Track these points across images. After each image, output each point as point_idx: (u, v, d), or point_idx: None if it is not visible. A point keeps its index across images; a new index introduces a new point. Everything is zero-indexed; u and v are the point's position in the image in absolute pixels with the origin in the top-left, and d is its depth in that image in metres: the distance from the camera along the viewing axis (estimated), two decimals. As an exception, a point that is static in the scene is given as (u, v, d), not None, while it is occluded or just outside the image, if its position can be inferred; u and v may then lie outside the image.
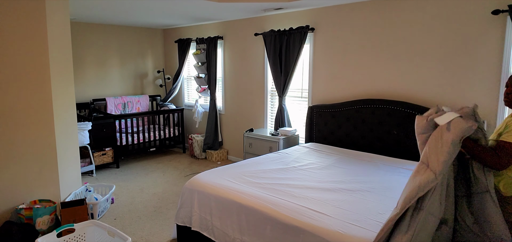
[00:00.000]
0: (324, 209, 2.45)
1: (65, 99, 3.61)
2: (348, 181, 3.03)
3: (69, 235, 2.92)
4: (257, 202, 2.62)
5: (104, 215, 3.89)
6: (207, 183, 3.02)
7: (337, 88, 4.54)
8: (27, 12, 3.21)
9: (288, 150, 4.11)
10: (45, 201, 3.43)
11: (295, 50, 4.71)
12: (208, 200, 2.92)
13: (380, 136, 4.05)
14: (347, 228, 2.18)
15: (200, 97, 6.44)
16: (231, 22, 5.74)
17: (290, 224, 2.35)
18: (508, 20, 3.23)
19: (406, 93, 3.95)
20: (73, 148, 3.77)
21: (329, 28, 4.53)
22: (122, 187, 4.75)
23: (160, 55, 7.16)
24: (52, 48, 3.41)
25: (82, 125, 4.91)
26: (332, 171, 3.34)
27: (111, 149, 5.57)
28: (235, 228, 2.68)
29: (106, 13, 5.03)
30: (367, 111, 4.13)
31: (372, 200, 2.61)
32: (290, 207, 2.48)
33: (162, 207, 4.07)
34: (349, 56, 4.38)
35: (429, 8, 3.70)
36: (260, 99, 5.50)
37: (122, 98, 6.33)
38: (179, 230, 3.17)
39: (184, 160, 6.11)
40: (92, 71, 6.19)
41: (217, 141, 6.08)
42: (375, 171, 3.33)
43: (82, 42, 6.01)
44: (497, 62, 3.34)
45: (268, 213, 2.49)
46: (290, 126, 5.08)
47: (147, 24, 6.36)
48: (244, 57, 5.62)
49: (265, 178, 3.11)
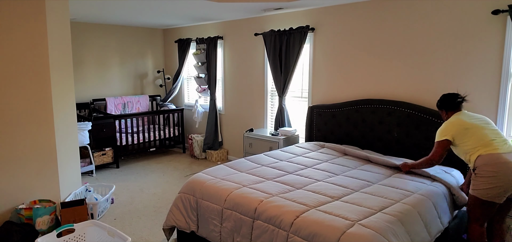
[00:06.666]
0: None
1: (65, 99, 3.61)
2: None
3: (69, 235, 2.92)
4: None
5: (104, 215, 3.89)
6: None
7: (337, 88, 4.54)
8: (27, 12, 3.21)
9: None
10: (45, 201, 3.42)
11: (295, 50, 4.71)
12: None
13: (380, 135, 4.05)
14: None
15: (200, 97, 6.44)
16: (231, 22, 5.74)
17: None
18: (508, 20, 3.23)
19: (406, 93, 3.95)
20: (73, 148, 3.77)
21: (329, 28, 4.53)
22: (122, 187, 4.75)
23: (160, 55, 7.16)
24: (52, 48, 3.41)
25: (82, 125, 4.91)
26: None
27: (111, 149, 5.57)
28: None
29: (106, 13, 5.03)
30: (367, 111, 4.13)
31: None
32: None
33: (162, 207, 4.06)
34: (349, 56, 4.38)
35: (429, 8, 3.70)
36: (260, 99, 5.50)
37: (122, 98, 6.33)
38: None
39: (184, 160, 6.11)
40: (92, 71, 6.19)
41: (217, 141, 6.08)
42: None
43: (82, 42, 6.01)
44: (497, 62, 3.34)
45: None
46: (290, 126, 5.07)
47: (147, 24, 6.36)
48: (244, 57, 5.62)
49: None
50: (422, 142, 3.73)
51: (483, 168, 2.51)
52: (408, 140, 3.83)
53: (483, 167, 2.52)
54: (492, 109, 3.41)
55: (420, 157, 3.75)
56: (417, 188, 2.84)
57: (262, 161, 3.63)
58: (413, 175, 3.16)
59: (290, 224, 2.34)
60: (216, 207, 2.82)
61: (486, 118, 2.76)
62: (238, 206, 2.68)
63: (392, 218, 2.30)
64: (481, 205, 2.56)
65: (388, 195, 2.68)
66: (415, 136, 3.78)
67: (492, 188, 2.47)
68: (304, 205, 2.52)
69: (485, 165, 2.51)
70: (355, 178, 3.12)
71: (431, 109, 3.68)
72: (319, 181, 3.03)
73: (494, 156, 2.50)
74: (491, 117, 3.41)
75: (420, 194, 2.71)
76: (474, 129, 2.64)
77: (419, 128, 3.74)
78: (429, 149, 3.66)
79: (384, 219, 2.27)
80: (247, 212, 2.61)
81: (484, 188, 2.51)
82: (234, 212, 2.69)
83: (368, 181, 3.05)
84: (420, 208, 2.52)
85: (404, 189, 2.83)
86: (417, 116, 3.75)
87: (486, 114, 3.43)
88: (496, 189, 2.47)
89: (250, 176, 3.14)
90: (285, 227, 2.36)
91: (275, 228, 2.41)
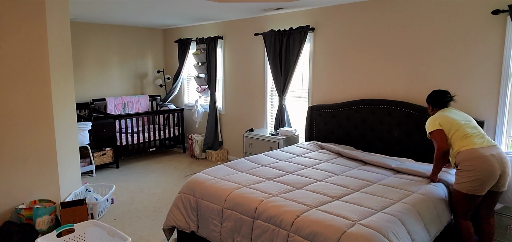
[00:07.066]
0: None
1: (65, 99, 3.61)
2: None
3: (69, 235, 2.92)
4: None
5: (104, 215, 3.89)
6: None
7: (337, 88, 4.54)
8: (27, 12, 3.21)
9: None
10: (45, 201, 3.42)
11: (295, 50, 4.71)
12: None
13: (380, 135, 4.05)
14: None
15: (200, 97, 6.43)
16: (231, 22, 5.74)
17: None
18: (508, 20, 3.23)
19: (406, 93, 3.95)
20: (73, 148, 3.77)
21: (329, 28, 4.53)
22: (122, 187, 4.75)
23: (160, 55, 7.16)
24: (52, 48, 3.41)
25: (82, 125, 4.91)
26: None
27: (111, 149, 5.57)
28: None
29: (106, 13, 5.03)
30: (367, 111, 4.13)
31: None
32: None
33: (162, 207, 4.06)
34: (349, 56, 4.38)
35: (429, 8, 3.70)
36: (260, 99, 5.50)
37: (122, 98, 6.33)
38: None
39: (184, 160, 6.11)
40: (92, 71, 6.19)
41: (217, 141, 6.08)
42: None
43: (82, 42, 6.01)
44: (497, 62, 3.34)
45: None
46: (290, 126, 5.07)
47: (147, 24, 6.36)
48: (244, 57, 5.62)
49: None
50: (422, 141, 3.73)
51: (463, 163, 2.65)
52: (408, 139, 3.83)
53: (463, 162, 2.65)
54: (492, 109, 3.41)
55: (420, 157, 3.76)
56: (417, 188, 2.84)
57: (262, 161, 3.63)
58: (413, 175, 3.16)
59: (291, 224, 2.34)
60: (216, 207, 2.82)
61: (468, 116, 2.88)
62: (238, 206, 2.67)
63: (392, 217, 2.30)
64: (464, 199, 2.68)
65: (388, 195, 2.69)
66: (415, 135, 3.78)
67: (472, 181, 2.60)
68: (305, 204, 2.52)
69: (464, 160, 2.64)
70: (355, 177, 3.12)
71: (431, 109, 3.69)
72: (319, 181, 3.03)
73: (472, 151, 2.63)
74: (491, 117, 3.42)
75: (420, 194, 2.71)
76: (455, 125, 2.77)
77: (419, 128, 3.74)
78: (429, 148, 3.67)
79: (385, 219, 2.27)
80: (247, 211, 2.61)
81: (465, 181, 2.63)
82: (234, 212, 2.69)
83: (368, 180, 3.05)
84: (420, 208, 2.52)
85: (404, 188, 2.83)
86: (417, 116, 3.75)
87: (486, 114, 3.44)
88: (476, 181, 2.59)
89: (250, 176, 3.15)
90: (285, 226, 2.36)
91: (276, 227, 2.41)
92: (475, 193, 2.62)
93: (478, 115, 3.50)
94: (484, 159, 2.57)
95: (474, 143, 2.66)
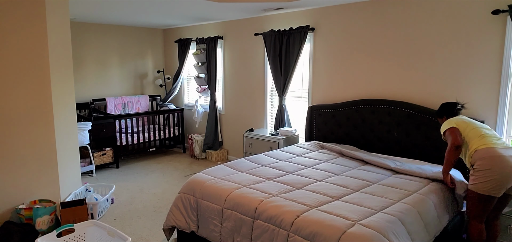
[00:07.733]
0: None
1: (65, 99, 3.61)
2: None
3: (69, 235, 2.92)
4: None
5: (104, 215, 3.89)
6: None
7: (337, 88, 4.54)
8: (27, 12, 3.21)
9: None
10: (45, 201, 3.42)
11: (295, 50, 4.71)
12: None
13: (380, 135, 4.05)
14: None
15: (200, 97, 6.43)
16: (231, 22, 5.74)
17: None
18: (508, 20, 3.23)
19: (406, 93, 3.95)
20: (73, 148, 3.77)
21: (329, 28, 4.53)
22: (122, 187, 4.75)
23: (160, 55, 7.16)
24: (52, 48, 3.41)
25: (82, 125, 4.91)
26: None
27: (111, 149, 5.57)
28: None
29: (106, 13, 5.03)
30: (367, 111, 4.13)
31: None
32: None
33: (162, 207, 4.06)
34: (349, 56, 4.38)
35: (429, 8, 3.70)
36: (260, 99, 5.50)
37: (122, 98, 6.33)
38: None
39: (184, 160, 6.11)
40: (92, 71, 6.19)
41: (217, 141, 6.08)
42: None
43: (82, 42, 6.01)
44: (497, 62, 3.34)
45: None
46: (290, 126, 5.07)
47: (147, 24, 6.36)
48: (244, 57, 5.62)
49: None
50: (422, 142, 3.73)
51: (479, 162, 2.59)
52: (408, 139, 3.83)
53: (479, 161, 2.59)
54: (492, 109, 3.41)
55: (420, 157, 3.76)
56: (417, 188, 2.84)
57: (262, 161, 3.63)
58: (412, 175, 3.16)
59: (291, 224, 2.34)
60: (216, 207, 2.82)
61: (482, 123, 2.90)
62: (238, 206, 2.67)
63: (392, 217, 2.30)
64: (480, 200, 2.60)
65: (388, 195, 2.69)
66: (415, 135, 3.78)
67: (489, 181, 2.53)
68: (305, 204, 2.52)
69: (481, 158, 2.58)
70: (355, 177, 3.12)
71: (431, 109, 3.68)
72: (319, 181, 3.03)
73: (490, 150, 2.57)
74: (491, 117, 3.42)
75: (420, 194, 2.71)
76: (471, 125, 2.76)
77: (419, 128, 3.74)
78: (429, 148, 3.67)
79: (385, 219, 2.27)
80: (247, 211, 2.61)
81: (481, 181, 2.56)
82: (234, 212, 2.69)
83: (368, 180, 3.05)
84: (420, 208, 2.52)
85: (404, 189, 2.83)
86: (417, 116, 3.75)
87: (486, 114, 3.44)
88: (493, 182, 2.52)
89: (250, 176, 3.14)
90: (285, 226, 2.36)
91: (276, 227, 2.41)
92: (491, 194, 2.54)
93: (478, 115, 3.50)
94: (502, 159, 2.51)
95: (492, 142, 2.61)
